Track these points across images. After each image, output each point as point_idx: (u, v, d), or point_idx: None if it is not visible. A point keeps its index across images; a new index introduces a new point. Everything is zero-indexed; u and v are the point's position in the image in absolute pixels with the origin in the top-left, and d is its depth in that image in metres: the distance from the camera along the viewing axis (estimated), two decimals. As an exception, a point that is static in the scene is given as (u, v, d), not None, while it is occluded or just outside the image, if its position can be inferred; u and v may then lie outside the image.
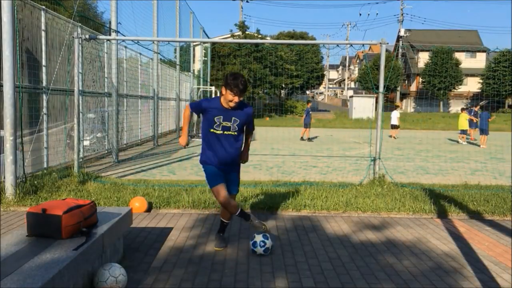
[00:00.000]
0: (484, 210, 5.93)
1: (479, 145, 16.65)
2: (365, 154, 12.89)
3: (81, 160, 8.73)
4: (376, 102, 12.82)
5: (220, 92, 3.94)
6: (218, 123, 3.97)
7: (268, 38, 41.48)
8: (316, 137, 19.89)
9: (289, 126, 26.66)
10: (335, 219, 5.54)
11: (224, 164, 4.08)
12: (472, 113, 19.02)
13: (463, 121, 18.00)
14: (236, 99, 3.85)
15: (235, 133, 4.04)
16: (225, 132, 4.00)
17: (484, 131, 16.44)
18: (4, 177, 6.14)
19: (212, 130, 4.00)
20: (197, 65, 26.77)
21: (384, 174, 7.47)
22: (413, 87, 54.49)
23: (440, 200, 6.29)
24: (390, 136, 19.69)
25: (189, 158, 11.62)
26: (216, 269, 3.81)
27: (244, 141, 4.31)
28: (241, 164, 4.34)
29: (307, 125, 17.53)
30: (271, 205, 5.91)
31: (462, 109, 19.18)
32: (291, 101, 41.40)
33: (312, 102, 20.24)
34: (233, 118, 3.98)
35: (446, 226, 5.32)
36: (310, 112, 17.94)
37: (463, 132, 18.12)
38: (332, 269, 3.86)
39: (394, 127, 19.81)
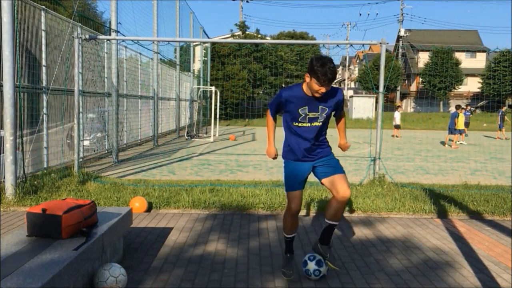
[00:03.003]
0: (484, 210, 5.93)
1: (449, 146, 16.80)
2: (365, 154, 12.88)
3: (81, 160, 8.74)
4: (376, 102, 12.82)
5: (304, 79, 3.32)
6: (303, 115, 3.36)
7: (268, 38, 41.47)
8: None
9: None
10: (335, 219, 5.54)
11: (309, 159, 3.51)
12: (500, 113, 19.79)
13: (460, 121, 18.10)
14: (323, 89, 3.20)
15: (322, 122, 3.42)
16: (313, 124, 3.39)
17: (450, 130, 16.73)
18: (4, 177, 6.15)
19: (296, 123, 3.41)
20: (197, 65, 26.77)
21: (384, 174, 7.46)
22: (413, 87, 54.50)
23: (440, 200, 6.29)
24: (393, 136, 19.91)
25: (189, 158, 11.62)
26: (216, 269, 3.81)
27: (338, 127, 3.74)
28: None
29: None
30: (271, 205, 5.92)
31: (461, 109, 19.25)
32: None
33: None
34: (320, 107, 3.34)
35: (446, 226, 5.32)
36: None
37: (460, 131, 18.19)
38: (332, 269, 3.85)
39: (397, 127, 20.11)
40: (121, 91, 12.24)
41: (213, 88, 18.91)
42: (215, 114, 18.78)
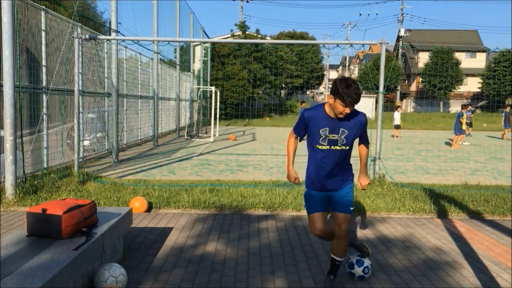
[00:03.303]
0: (484, 210, 5.93)
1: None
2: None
3: (81, 160, 8.74)
4: (376, 102, 12.82)
5: (327, 100, 3.30)
6: (323, 136, 3.32)
7: (268, 38, 41.47)
8: None
9: (289, 126, 26.60)
10: (335, 219, 5.54)
11: (327, 189, 3.49)
12: (504, 114, 19.90)
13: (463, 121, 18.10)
14: (347, 110, 3.18)
15: (343, 147, 3.35)
16: (332, 147, 3.34)
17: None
18: (4, 177, 6.14)
19: (317, 146, 3.37)
20: (197, 65, 26.76)
21: (384, 174, 7.47)
22: (413, 87, 54.50)
23: (440, 200, 6.29)
24: (393, 136, 19.93)
25: (189, 158, 11.63)
26: (216, 269, 3.81)
27: (360, 157, 3.63)
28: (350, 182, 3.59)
29: None
30: (271, 205, 5.92)
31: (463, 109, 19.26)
32: (291, 101, 41.42)
33: (310, 102, 20.60)
34: (341, 129, 3.30)
35: (446, 226, 5.32)
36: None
37: (461, 132, 18.20)
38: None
39: (397, 127, 20.14)
40: (121, 91, 12.24)
41: (213, 88, 18.92)
42: (215, 114, 18.78)
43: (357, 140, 3.49)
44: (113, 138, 10.57)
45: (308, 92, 58.59)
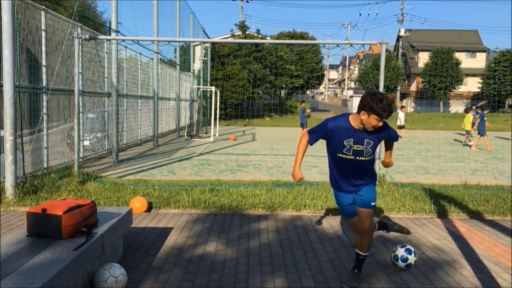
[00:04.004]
0: (484, 210, 5.93)
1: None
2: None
3: (81, 160, 8.74)
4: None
5: (357, 114, 3.32)
6: (348, 147, 3.36)
7: (268, 38, 41.46)
8: None
9: (289, 126, 26.66)
10: (335, 219, 5.54)
11: (351, 191, 3.54)
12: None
13: (467, 122, 18.14)
14: (380, 123, 3.25)
15: (368, 157, 3.41)
16: (357, 158, 3.38)
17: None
18: (4, 177, 6.14)
19: (340, 154, 3.41)
20: (197, 65, 26.76)
21: (384, 174, 7.47)
22: (413, 87, 54.49)
23: (440, 200, 6.29)
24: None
25: (189, 158, 11.63)
26: (216, 269, 3.81)
27: (386, 150, 3.76)
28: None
29: (303, 125, 18.03)
30: (271, 205, 5.91)
31: (467, 110, 19.28)
32: (291, 101, 41.42)
33: (309, 102, 20.84)
34: (365, 140, 3.35)
35: (446, 226, 5.32)
36: (305, 112, 18.47)
37: (467, 132, 18.24)
38: (332, 269, 3.86)
39: (401, 127, 20.13)
40: (121, 91, 12.24)
41: (213, 88, 18.92)
42: (215, 114, 18.78)
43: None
44: (113, 138, 10.57)
45: (308, 92, 58.56)
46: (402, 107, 21.86)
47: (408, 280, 3.64)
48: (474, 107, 19.45)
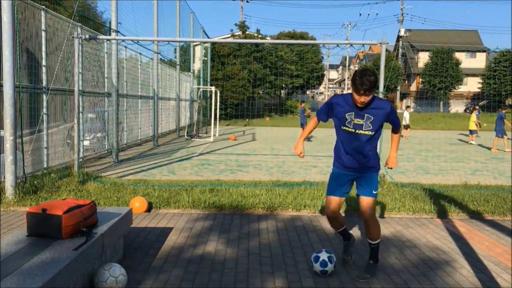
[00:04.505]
0: (484, 210, 5.93)
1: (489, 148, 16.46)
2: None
3: (81, 160, 8.73)
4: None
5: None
6: (349, 119, 3.57)
7: (268, 38, 41.47)
8: (312, 136, 19.89)
9: (289, 126, 26.67)
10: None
11: (352, 169, 3.66)
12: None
13: (472, 121, 18.20)
14: (362, 99, 3.43)
15: (368, 132, 3.56)
16: (357, 131, 3.57)
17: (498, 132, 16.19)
18: (4, 177, 6.14)
19: (343, 127, 3.62)
20: (197, 65, 26.77)
21: (384, 174, 7.46)
22: (413, 87, 54.50)
23: (440, 200, 6.29)
24: (403, 136, 19.98)
25: (189, 158, 11.63)
26: (216, 269, 3.81)
27: (392, 140, 3.90)
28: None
29: (303, 125, 18.04)
30: (271, 205, 5.91)
31: (471, 110, 19.38)
32: (291, 101, 41.43)
33: (309, 102, 20.92)
34: (365, 115, 3.55)
35: (446, 226, 5.32)
36: (305, 112, 18.50)
37: (472, 132, 18.28)
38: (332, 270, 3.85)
39: (406, 127, 20.22)
40: (121, 91, 12.24)
41: (213, 88, 18.93)
42: (215, 114, 18.78)
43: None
44: (113, 138, 10.57)
45: (308, 92, 58.58)
46: (407, 107, 22.06)
47: (408, 280, 3.64)
48: (477, 107, 19.55)
